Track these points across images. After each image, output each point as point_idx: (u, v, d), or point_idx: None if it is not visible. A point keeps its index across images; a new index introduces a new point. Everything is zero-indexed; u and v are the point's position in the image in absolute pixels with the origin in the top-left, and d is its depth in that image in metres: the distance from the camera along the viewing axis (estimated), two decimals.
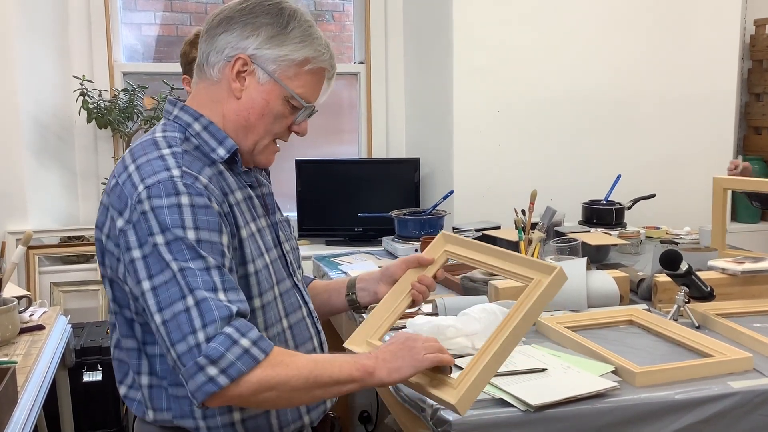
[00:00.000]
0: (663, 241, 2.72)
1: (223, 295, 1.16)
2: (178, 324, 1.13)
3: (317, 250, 3.40)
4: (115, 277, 1.26)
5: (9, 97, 3.15)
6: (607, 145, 3.56)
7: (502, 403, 1.38)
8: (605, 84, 3.53)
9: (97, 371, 2.82)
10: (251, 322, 1.20)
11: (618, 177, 3.06)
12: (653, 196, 3.10)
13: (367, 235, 3.53)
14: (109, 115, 3.31)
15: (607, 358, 1.56)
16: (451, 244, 1.54)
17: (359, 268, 2.55)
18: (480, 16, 3.35)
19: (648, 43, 3.55)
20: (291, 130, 1.37)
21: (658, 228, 3.09)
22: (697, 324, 1.81)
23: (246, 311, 1.19)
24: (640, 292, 2.12)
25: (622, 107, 3.57)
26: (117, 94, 3.41)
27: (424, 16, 3.65)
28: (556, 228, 2.70)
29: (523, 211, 2.54)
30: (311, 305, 1.46)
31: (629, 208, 3.03)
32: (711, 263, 2.11)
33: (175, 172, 1.21)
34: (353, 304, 1.59)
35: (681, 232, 2.98)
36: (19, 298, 2.30)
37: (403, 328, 1.65)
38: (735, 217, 3.86)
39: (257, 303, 1.30)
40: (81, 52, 3.46)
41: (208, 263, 1.17)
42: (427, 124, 3.72)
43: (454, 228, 2.89)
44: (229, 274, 1.20)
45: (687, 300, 1.85)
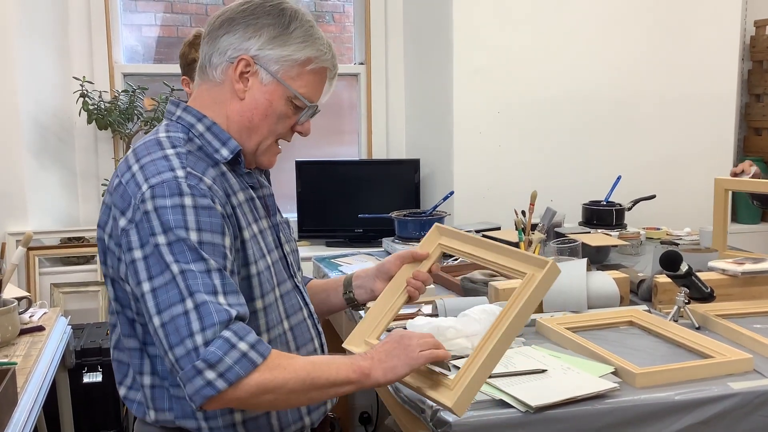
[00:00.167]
0: (663, 242, 2.72)
1: (222, 298, 1.16)
2: (177, 327, 1.13)
3: (317, 251, 3.40)
4: (117, 276, 1.26)
5: (9, 98, 3.15)
6: (607, 146, 3.56)
7: (502, 404, 1.38)
8: (605, 84, 3.52)
9: (97, 372, 2.82)
10: (253, 323, 1.19)
11: (618, 178, 3.05)
12: (653, 197, 3.09)
13: (367, 236, 3.53)
14: (110, 116, 3.30)
15: (607, 359, 1.56)
16: (445, 236, 1.55)
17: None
18: (480, 17, 3.35)
19: (648, 43, 3.55)
20: (294, 130, 1.37)
21: (659, 229, 3.09)
22: (697, 325, 1.81)
23: (245, 314, 1.18)
24: (640, 293, 2.12)
25: (622, 108, 3.56)
26: (117, 95, 3.41)
27: (424, 16, 3.65)
28: (556, 229, 2.71)
29: (523, 212, 2.54)
30: (312, 307, 1.45)
31: (629, 209, 3.02)
32: (711, 264, 2.11)
33: (179, 173, 1.21)
34: (351, 302, 1.59)
35: (681, 233, 2.98)
36: (19, 299, 2.30)
37: (403, 328, 1.64)
38: (735, 217, 3.85)
39: (259, 305, 1.30)
40: (81, 53, 3.46)
41: (210, 266, 1.17)
42: (427, 125, 3.71)
43: None
44: (229, 277, 1.19)
45: (687, 301, 1.85)
